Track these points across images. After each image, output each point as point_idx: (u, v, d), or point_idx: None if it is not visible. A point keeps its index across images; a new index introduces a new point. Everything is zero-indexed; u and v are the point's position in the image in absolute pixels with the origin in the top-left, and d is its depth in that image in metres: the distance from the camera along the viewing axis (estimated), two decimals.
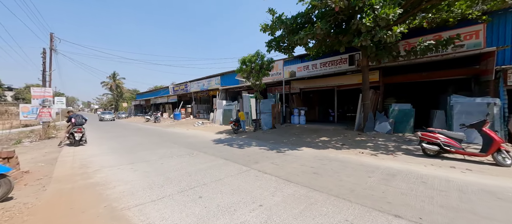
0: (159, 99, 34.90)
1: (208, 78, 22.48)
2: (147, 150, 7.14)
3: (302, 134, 10.48)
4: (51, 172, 4.75)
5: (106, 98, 69.50)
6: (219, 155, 6.22)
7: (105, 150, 7.28)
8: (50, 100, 13.22)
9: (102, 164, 5.36)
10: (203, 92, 24.77)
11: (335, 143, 7.92)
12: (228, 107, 18.01)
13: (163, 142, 8.94)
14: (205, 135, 11.45)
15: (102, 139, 10.51)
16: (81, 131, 8.20)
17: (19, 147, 8.56)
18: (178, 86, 28.07)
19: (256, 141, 8.89)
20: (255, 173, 4.34)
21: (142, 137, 10.84)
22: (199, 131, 13.69)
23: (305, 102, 16.81)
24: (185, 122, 21.04)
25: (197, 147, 7.67)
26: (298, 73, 14.38)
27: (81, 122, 8.30)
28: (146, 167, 5.02)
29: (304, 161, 5.33)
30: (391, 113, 9.72)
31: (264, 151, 6.72)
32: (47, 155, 6.82)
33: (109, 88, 59.62)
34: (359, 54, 11.42)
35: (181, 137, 10.67)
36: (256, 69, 11.29)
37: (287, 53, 11.28)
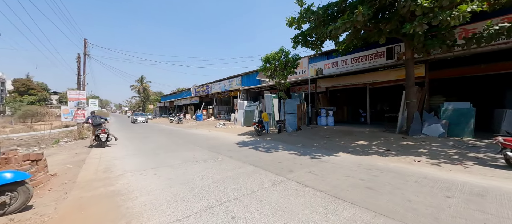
0: (182, 101, 35.92)
1: (229, 79, 22.30)
2: (170, 152, 6.85)
3: (333, 136, 9.46)
4: (76, 176, 4.58)
5: (135, 100, 74.29)
6: (246, 160, 5.62)
7: (130, 152, 7.16)
8: (84, 103, 14.00)
9: (126, 167, 5.10)
10: (224, 93, 24.70)
11: (377, 148, 6.83)
12: (250, 108, 17.51)
13: (186, 144, 8.66)
14: (228, 137, 11.02)
15: (128, 139, 10.66)
16: (105, 132, 8.27)
17: (55, 147, 8.95)
18: (199, 87, 28.47)
19: (284, 144, 8.15)
20: (293, 185, 3.63)
21: (166, 138, 10.78)
22: (221, 133, 13.36)
23: (332, 102, 15.57)
24: (207, 123, 21.08)
25: (221, 150, 7.19)
26: (325, 70, 13.29)
27: (98, 122, 8.34)
28: (170, 172, 4.61)
29: (347, 171, 4.46)
30: (443, 113, 8.24)
31: (295, 157, 5.96)
32: (77, 156, 6.89)
33: (137, 91, 63.63)
34: (400, 46, 10.03)
35: (203, 139, 10.37)
36: (280, 67, 10.56)
37: (315, 49, 10.37)
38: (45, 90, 71.64)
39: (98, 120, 8.48)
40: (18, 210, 2.81)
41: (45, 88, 73.88)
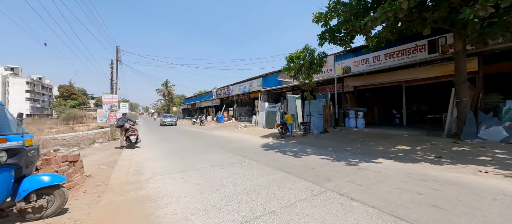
0: (204, 103, 36.89)
1: (249, 80, 22.20)
2: (195, 155, 6.76)
3: (366, 140, 8.61)
4: (109, 177, 4.64)
5: (160, 103, 78.69)
6: (275, 165, 5.23)
7: (158, 153, 7.25)
8: (116, 106, 14.95)
9: (154, 170, 5.07)
10: (244, 95, 24.69)
11: (424, 154, 5.94)
12: (271, 110, 17.11)
13: (210, 146, 8.58)
14: (251, 139, 10.75)
15: (155, 141, 10.99)
16: (135, 134, 8.54)
17: (91, 148, 9.54)
18: (220, 90, 28.90)
19: (312, 148, 7.59)
20: (336, 198, 3.15)
21: (190, 140, 10.89)
22: (243, 135, 13.17)
23: (361, 103, 14.46)
24: (228, 125, 21.17)
25: (246, 153, 6.91)
26: (353, 68, 12.36)
27: (120, 124, 8.64)
28: (198, 177, 4.42)
29: (397, 181, 3.82)
30: (506, 114, 6.96)
31: (328, 162, 5.41)
32: (110, 157, 7.17)
33: (162, 95, 67.31)
34: (445, 38, 8.83)
35: (226, 141, 10.24)
36: (305, 66, 10.01)
37: (344, 45, 9.65)
38: (84, 95, 79.61)
39: (121, 122, 8.79)
40: (54, 214, 2.79)
41: (84, 93, 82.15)
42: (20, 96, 67.27)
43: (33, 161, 2.86)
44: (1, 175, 2.33)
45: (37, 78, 76.57)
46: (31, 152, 2.75)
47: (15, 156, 2.45)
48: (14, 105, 65.45)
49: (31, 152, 2.74)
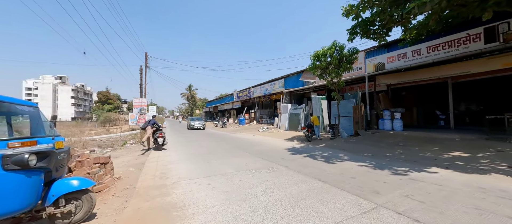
0: (225, 106, 37.47)
1: (271, 82, 21.79)
2: (220, 159, 6.53)
3: (408, 145, 7.56)
4: (136, 180, 4.60)
5: (184, 106, 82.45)
6: (307, 172, 4.71)
7: (183, 156, 7.20)
8: (145, 109, 15.73)
9: (180, 174, 4.92)
10: (265, 97, 24.34)
11: (491, 163, 4.88)
12: (295, 112, 16.44)
13: (234, 150, 8.33)
14: (275, 142, 10.28)
15: (180, 143, 11.16)
16: (162, 136, 8.69)
17: (122, 149, 10.00)
18: (241, 92, 28.98)
19: (345, 153, 6.86)
20: (394, 218, 2.55)
21: (213, 142, 10.82)
22: (266, 137, 12.76)
23: (396, 102, 13.06)
24: (250, 127, 20.98)
25: (273, 157, 6.48)
26: (388, 65, 11.17)
27: (144, 127, 8.93)
28: (224, 183, 4.12)
29: (470, 198, 3.04)
30: None
31: (369, 170, 4.72)
32: (138, 159, 7.33)
33: (186, 98, 70.40)
34: (507, 23, 7.41)
35: (249, 144, 9.93)
36: (334, 64, 9.26)
37: (378, 39, 8.73)
38: (119, 100, 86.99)
39: (145, 124, 9.06)
40: (82, 220, 2.69)
41: (119, 98, 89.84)
42: (66, 101, 76.22)
43: (63, 164, 2.81)
44: (31, 178, 2.26)
45: (80, 85, 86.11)
46: (61, 155, 2.69)
47: (45, 159, 2.38)
48: (62, 110, 74.42)
49: (61, 154, 2.68)
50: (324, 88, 16.69)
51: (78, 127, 33.01)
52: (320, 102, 14.21)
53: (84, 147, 12.82)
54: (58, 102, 74.79)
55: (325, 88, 16.82)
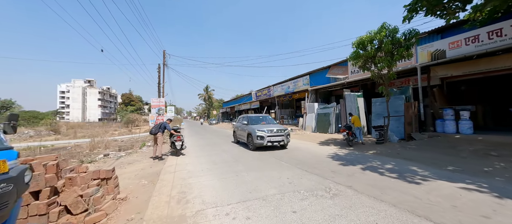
0: (242, 106, 36.41)
1: (294, 79, 20.11)
2: (251, 170, 5.15)
3: (504, 154, 5.53)
4: (147, 204, 3.38)
5: (201, 107, 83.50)
6: (393, 200, 3.12)
7: (204, 165, 5.95)
8: (163, 109, 15.04)
9: (204, 195, 3.60)
10: (287, 96, 22.70)
11: None
12: (324, 111, 14.63)
13: (264, 157, 6.91)
14: (309, 147, 8.69)
15: (199, 147, 10.05)
16: (180, 139, 7.56)
17: (138, 153, 9.11)
18: (260, 91, 27.61)
19: (416, 165, 5.09)
20: None
21: (237, 147, 9.52)
22: (295, 141, 11.18)
23: (452, 99, 10.73)
24: None
25: (320, 169, 4.94)
26: (450, 52, 8.97)
27: (153, 132, 7.35)
28: (270, 216, 2.72)
29: None
30: None
31: (491, 199, 3.00)
32: (154, 166, 6.25)
33: (203, 99, 71.04)
34: None
35: (280, 150, 8.46)
36: (386, 50, 7.42)
37: (448, 16, 6.82)
38: (140, 101, 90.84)
39: (156, 129, 7.35)
40: None
41: (140, 100, 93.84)
42: (94, 103, 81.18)
43: (8, 201, 1.58)
44: None
45: (106, 88, 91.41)
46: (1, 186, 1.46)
47: None
48: (90, 111, 79.42)
49: None
50: (358, 85, 14.66)
51: (103, 128, 34.27)
52: (356, 101, 12.28)
53: (106, 147, 12.08)
54: (87, 104, 79.91)
55: (359, 84, 14.78)
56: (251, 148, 8.24)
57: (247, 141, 8.77)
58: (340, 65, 16.82)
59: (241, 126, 9.76)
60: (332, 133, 13.45)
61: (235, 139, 10.70)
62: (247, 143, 8.74)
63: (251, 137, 8.27)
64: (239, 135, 9.93)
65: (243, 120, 10.03)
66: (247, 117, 9.90)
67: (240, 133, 9.77)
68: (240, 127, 9.81)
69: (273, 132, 8.08)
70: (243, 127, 9.43)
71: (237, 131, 10.20)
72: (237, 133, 10.30)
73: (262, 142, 7.83)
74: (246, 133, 8.77)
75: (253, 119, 9.59)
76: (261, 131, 8.03)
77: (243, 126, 9.48)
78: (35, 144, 16.45)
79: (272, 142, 7.92)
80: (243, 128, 9.40)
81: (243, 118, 10.17)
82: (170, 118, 8.25)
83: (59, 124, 38.41)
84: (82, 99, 78.74)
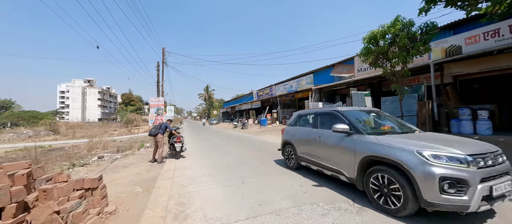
0: (243, 106, 35.91)
1: (297, 78, 19.60)
2: (258, 175, 4.63)
3: None
4: (139, 218, 2.86)
5: (202, 107, 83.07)
6: None
7: (206, 170, 5.43)
8: (162, 109, 14.53)
9: (206, 209, 3.08)
10: (288, 96, 22.19)
11: None
12: None
13: (268, 159, 6.40)
14: None
15: (200, 148, 9.54)
16: (180, 141, 7.05)
17: (136, 155, 8.61)
18: (262, 91, 27.10)
19: None
20: None
21: (239, 148, 9.02)
22: None
23: (464, 98, 10.20)
24: (273, 129, 18.99)
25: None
26: (467, 47, 8.45)
27: (152, 133, 6.83)
28: None
29: None
30: None
31: None
32: (151, 170, 5.74)
33: (204, 99, 70.58)
34: None
35: None
36: (402, 45, 6.89)
37: (469, 7, 6.31)
38: (140, 101, 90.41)
39: (155, 130, 6.84)
40: None
41: (140, 99, 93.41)
42: (94, 103, 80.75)
43: None
44: None
45: (106, 88, 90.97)
46: None
47: None
48: (90, 111, 78.99)
49: None
50: (364, 83, 14.14)
51: (103, 128, 33.84)
52: (364, 100, 11.76)
53: (104, 148, 11.64)
54: (87, 104, 79.48)
55: (365, 83, 14.27)
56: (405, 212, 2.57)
57: None
58: (345, 64, 16.32)
59: (327, 137, 3.92)
60: None
61: (295, 161, 4.88)
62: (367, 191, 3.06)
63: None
64: (313, 155, 4.25)
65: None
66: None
67: (323, 153, 3.96)
68: (327, 138, 3.91)
69: None
70: (337, 139, 3.63)
71: (306, 145, 4.54)
72: (303, 149, 4.63)
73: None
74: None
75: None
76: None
77: (338, 137, 3.62)
78: (32, 144, 15.94)
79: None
80: (338, 142, 3.61)
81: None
82: (170, 118, 7.74)
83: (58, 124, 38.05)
84: (82, 99, 78.32)
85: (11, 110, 65.61)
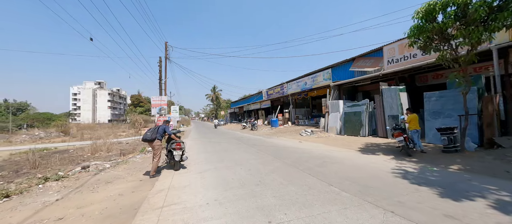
0: (252, 106, 34.40)
1: (312, 74, 17.79)
2: (294, 207, 3.04)
3: None
4: None
5: (209, 108, 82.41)
6: None
7: (213, 193, 3.89)
8: (165, 109, 13.22)
9: None
10: (301, 94, 20.42)
11: None
12: (353, 110, 12.27)
13: (294, 171, 4.78)
14: (349, 157, 6.45)
15: (205, 154, 8.07)
16: (181, 147, 5.55)
17: (129, 164, 7.25)
18: (272, 89, 25.42)
19: None
20: None
21: (253, 154, 7.45)
22: (321, 145, 8.97)
23: None
24: (285, 130, 17.31)
25: (400, 204, 2.75)
26: None
27: (147, 138, 5.36)
28: None
29: None
30: None
31: None
32: (138, 189, 4.29)
33: (211, 100, 69.77)
34: None
35: (308, 157, 6.30)
36: (476, 18, 5.06)
37: None
38: (149, 103, 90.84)
39: (149, 135, 5.43)
40: None
41: (149, 101, 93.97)
42: (104, 105, 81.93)
43: None
44: None
45: (116, 90, 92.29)
46: None
47: None
48: (100, 112, 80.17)
49: None
50: (394, 78, 12.20)
51: (112, 129, 33.46)
52: (398, 96, 9.89)
53: (108, 150, 10.82)
54: (97, 106, 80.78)
55: (395, 77, 12.30)
56: None
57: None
58: (368, 56, 14.39)
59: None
60: (365, 135, 11.09)
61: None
62: None
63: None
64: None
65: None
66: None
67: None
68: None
69: None
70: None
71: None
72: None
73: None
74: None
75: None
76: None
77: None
78: (39, 146, 15.79)
79: None
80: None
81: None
82: (167, 119, 6.28)
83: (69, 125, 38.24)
84: (92, 100, 79.64)
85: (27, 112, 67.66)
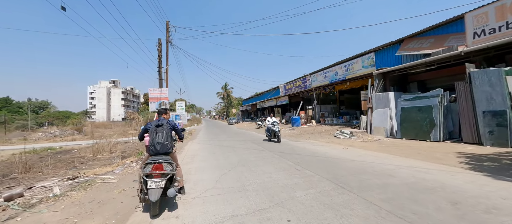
0: (266, 103, 31.48)
1: (346, 61, 14.44)
2: None
3: None
4: None
5: (220, 106, 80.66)
6: None
7: None
8: (166, 103, 10.69)
9: None
10: (328, 88, 17.16)
11: None
12: (415, 104, 8.94)
13: (370, 211, 1.82)
14: (456, 184, 3.31)
15: (213, 169, 5.32)
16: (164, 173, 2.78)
17: (116, 176, 4.64)
18: (291, 83, 22.27)
19: None
20: None
21: (291, 175, 4.57)
22: (383, 155, 5.82)
23: None
24: (311, 130, 14.22)
25: None
26: None
27: (165, 150, 2.92)
28: None
29: None
30: None
31: None
32: None
33: (222, 97, 67.78)
34: None
35: (411, 189, 3.27)
36: None
37: None
38: None
39: (152, 144, 2.98)
40: None
41: None
42: (118, 103, 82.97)
43: None
44: None
45: (129, 88, 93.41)
46: None
47: None
48: (114, 111, 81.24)
49: None
50: (477, 57, 8.69)
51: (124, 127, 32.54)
52: (504, 80, 6.49)
53: (111, 151, 9.81)
54: (111, 104, 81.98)
55: (478, 56, 8.80)
56: None
57: None
58: (425, 35, 10.93)
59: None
60: (439, 139, 7.78)
61: None
62: None
63: None
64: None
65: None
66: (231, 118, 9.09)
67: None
68: None
69: None
70: None
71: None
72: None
73: None
74: None
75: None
76: None
77: None
78: (45, 146, 15.05)
79: None
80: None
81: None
82: (165, 108, 3.60)
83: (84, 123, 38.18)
84: (107, 99, 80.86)
85: (48, 111, 70.05)
